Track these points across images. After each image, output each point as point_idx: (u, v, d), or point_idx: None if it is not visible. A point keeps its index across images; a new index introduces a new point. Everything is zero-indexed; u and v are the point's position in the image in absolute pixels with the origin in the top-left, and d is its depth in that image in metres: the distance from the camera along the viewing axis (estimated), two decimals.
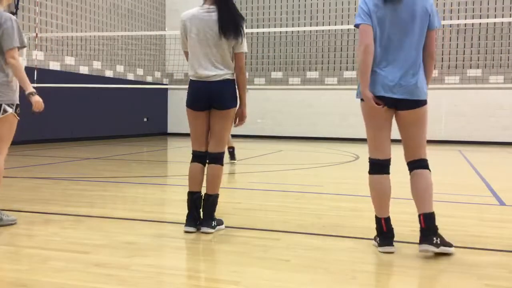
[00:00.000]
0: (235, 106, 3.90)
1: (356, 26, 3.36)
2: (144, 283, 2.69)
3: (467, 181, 7.07)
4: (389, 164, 3.44)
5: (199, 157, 3.94)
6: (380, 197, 3.41)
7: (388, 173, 3.43)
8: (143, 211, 4.64)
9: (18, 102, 4.03)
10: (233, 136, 8.85)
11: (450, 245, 3.25)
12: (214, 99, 3.81)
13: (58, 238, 3.59)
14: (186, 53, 3.96)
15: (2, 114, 3.92)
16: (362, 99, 3.41)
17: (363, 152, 11.87)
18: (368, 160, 3.48)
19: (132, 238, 3.59)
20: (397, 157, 3.73)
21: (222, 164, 3.93)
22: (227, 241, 3.60)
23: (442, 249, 3.20)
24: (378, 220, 3.42)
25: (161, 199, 5.51)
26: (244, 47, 3.89)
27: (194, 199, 3.85)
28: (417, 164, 3.40)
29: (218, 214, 3.98)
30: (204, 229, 3.77)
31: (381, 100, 3.31)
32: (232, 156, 8.74)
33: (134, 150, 11.65)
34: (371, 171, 3.45)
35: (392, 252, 3.30)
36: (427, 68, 3.39)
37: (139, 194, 5.56)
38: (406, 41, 3.29)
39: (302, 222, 4.24)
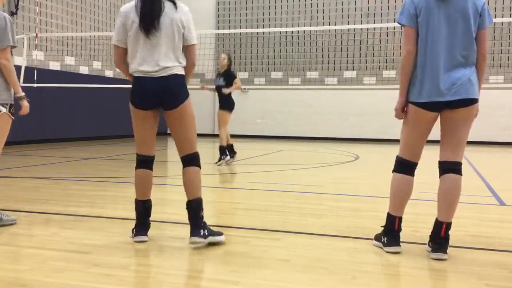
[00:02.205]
0: (187, 97, 3.50)
1: (400, 24, 3.32)
2: (144, 283, 2.69)
3: (467, 181, 7.04)
4: (416, 167, 3.40)
5: (146, 162, 3.64)
6: (402, 196, 3.37)
7: (413, 175, 3.38)
8: None
9: (12, 102, 3.99)
10: (234, 136, 8.84)
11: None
12: (164, 98, 3.44)
13: (58, 238, 3.59)
14: (117, 47, 3.56)
15: None
16: (409, 102, 3.32)
17: (363, 152, 11.89)
18: (395, 158, 3.43)
19: (132, 238, 3.58)
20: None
21: (198, 166, 3.55)
22: (227, 241, 3.59)
23: (446, 256, 3.22)
24: (392, 218, 3.38)
25: (161, 199, 5.51)
26: (191, 40, 3.47)
27: (146, 207, 3.61)
28: (452, 167, 3.28)
29: (218, 214, 3.98)
30: (192, 239, 3.40)
31: (430, 105, 3.23)
32: (230, 152, 8.58)
33: (134, 150, 11.60)
34: (397, 170, 3.40)
35: (399, 252, 3.30)
36: (479, 68, 3.28)
37: None
38: (457, 40, 3.21)
39: (302, 222, 4.24)
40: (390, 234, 3.36)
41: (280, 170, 8.13)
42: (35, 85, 11.20)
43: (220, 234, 3.51)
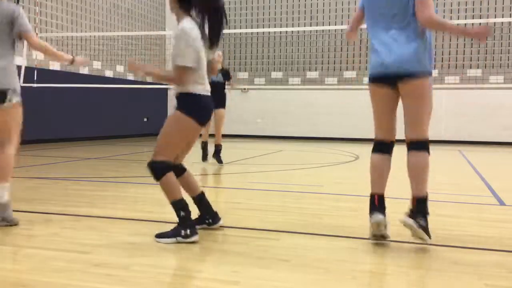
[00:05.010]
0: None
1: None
2: (144, 283, 2.69)
3: (467, 181, 7.06)
4: (391, 145, 3.52)
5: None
6: (375, 173, 3.51)
7: (388, 153, 3.51)
8: (143, 211, 4.64)
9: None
10: (234, 136, 8.85)
11: (428, 235, 3.32)
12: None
13: (58, 238, 3.59)
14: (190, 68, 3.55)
15: (9, 102, 3.98)
16: (369, 81, 3.53)
17: (363, 152, 11.87)
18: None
19: (132, 238, 3.59)
20: (401, 156, 3.73)
21: None
22: (227, 241, 3.60)
23: (419, 232, 3.29)
24: (371, 197, 3.49)
25: (161, 199, 5.48)
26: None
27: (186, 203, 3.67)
28: (414, 145, 3.39)
29: (219, 214, 3.97)
30: (220, 222, 3.89)
31: (379, 80, 3.42)
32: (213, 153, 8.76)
33: (134, 150, 11.64)
34: (373, 150, 3.55)
35: (381, 221, 3.36)
36: (429, 31, 3.36)
37: (139, 194, 5.56)
38: (393, 16, 3.34)
39: (302, 222, 4.24)
40: (372, 209, 3.46)
41: (280, 170, 8.13)
42: (35, 85, 11.20)
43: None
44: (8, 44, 4.02)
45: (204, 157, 8.74)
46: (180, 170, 3.80)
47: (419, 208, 3.34)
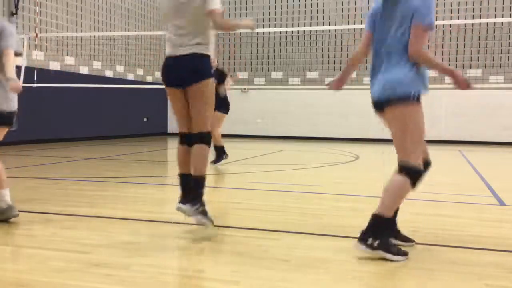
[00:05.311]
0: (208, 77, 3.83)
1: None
2: (144, 283, 2.69)
3: (467, 181, 7.06)
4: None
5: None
6: None
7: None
8: (143, 211, 4.64)
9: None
10: (234, 136, 8.84)
11: (388, 251, 3.12)
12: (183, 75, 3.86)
13: (58, 238, 3.59)
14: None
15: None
16: None
17: (363, 152, 11.88)
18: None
19: (132, 238, 3.59)
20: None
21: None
22: (227, 241, 3.60)
23: (377, 252, 3.12)
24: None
25: (161, 199, 5.51)
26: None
27: (188, 181, 3.84)
28: (398, 167, 3.26)
29: (218, 214, 3.98)
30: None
31: (374, 107, 3.40)
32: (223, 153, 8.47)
33: (134, 150, 11.64)
34: None
35: None
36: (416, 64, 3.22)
37: (139, 194, 5.56)
38: (382, 42, 3.30)
39: (302, 222, 4.24)
40: None
41: (280, 170, 8.13)
42: (35, 85, 11.21)
43: (211, 220, 3.75)
44: None
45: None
46: (193, 141, 3.86)
47: (369, 226, 3.18)
